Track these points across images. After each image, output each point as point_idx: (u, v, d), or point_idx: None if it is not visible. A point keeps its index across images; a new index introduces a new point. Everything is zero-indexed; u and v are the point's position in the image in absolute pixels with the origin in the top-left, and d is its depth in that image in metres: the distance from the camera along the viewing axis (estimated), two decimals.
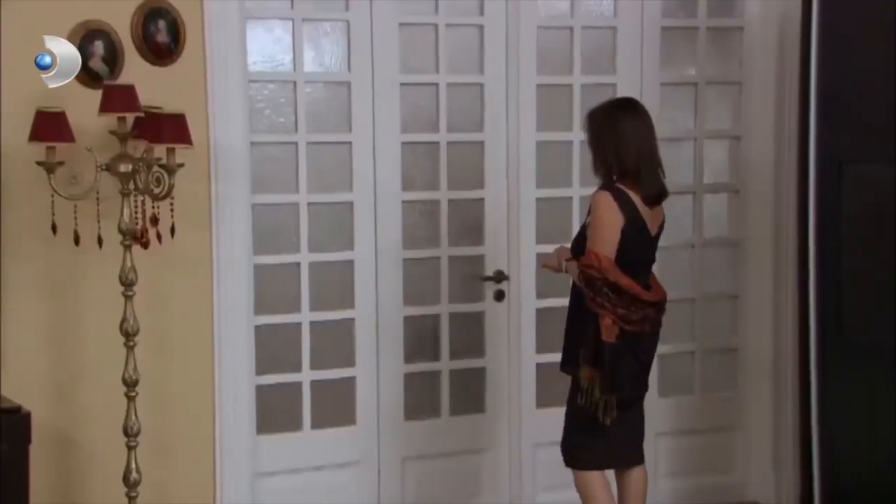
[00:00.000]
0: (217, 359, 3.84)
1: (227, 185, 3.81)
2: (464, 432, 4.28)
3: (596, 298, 3.40)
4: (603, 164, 3.50)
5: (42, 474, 3.41)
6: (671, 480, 4.54)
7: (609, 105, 3.59)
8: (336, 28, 4.05)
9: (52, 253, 3.53)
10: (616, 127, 3.47)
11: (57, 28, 3.50)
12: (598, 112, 3.55)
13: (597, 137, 3.51)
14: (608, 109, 3.55)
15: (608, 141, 3.47)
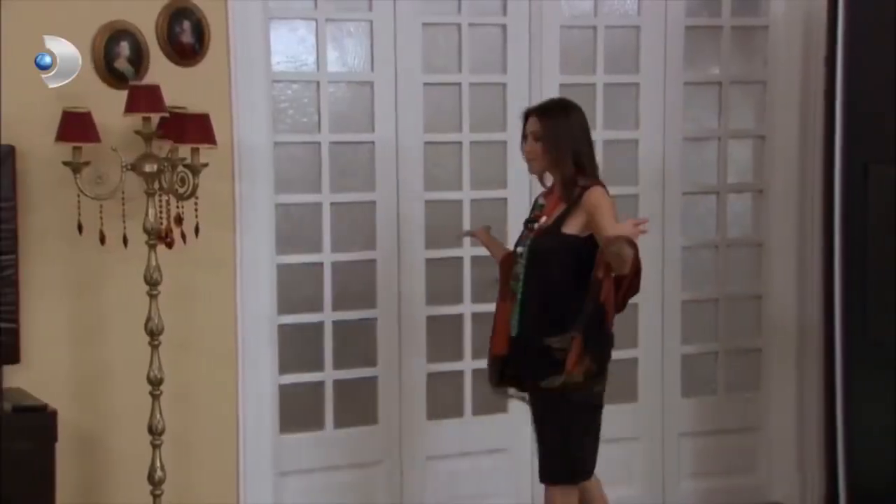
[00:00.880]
0: (240, 358, 3.85)
1: (251, 184, 3.83)
2: (486, 432, 4.28)
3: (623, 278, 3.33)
4: (573, 161, 3.33)
5: (67, 472, 3.44)
6: (694, 481, 4.53)
7: (570, 102, 3.48)
8: (359, 28, 4.06)
9: (78, 252, 3.55)
10: (585, 125, 3.42)
11: (83, 29, 3.54)
12: (570, 107, 3.42)
13: (572, 134, 3.36)
14: (574, 106, 3.43)
15: (582, 140, 3.38)
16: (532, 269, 3.35)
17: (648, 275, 4.40)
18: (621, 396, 4.45)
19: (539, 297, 3.34)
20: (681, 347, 4.52)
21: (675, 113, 4.42)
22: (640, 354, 4.47)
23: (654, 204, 4.42)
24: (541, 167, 3.41)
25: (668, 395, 4.49)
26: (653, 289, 4.44)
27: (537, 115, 3.39)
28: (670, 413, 4.50)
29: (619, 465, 4.41)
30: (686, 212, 4.50)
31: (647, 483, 4.49)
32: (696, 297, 4.55)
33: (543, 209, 3.43)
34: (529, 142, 3.39)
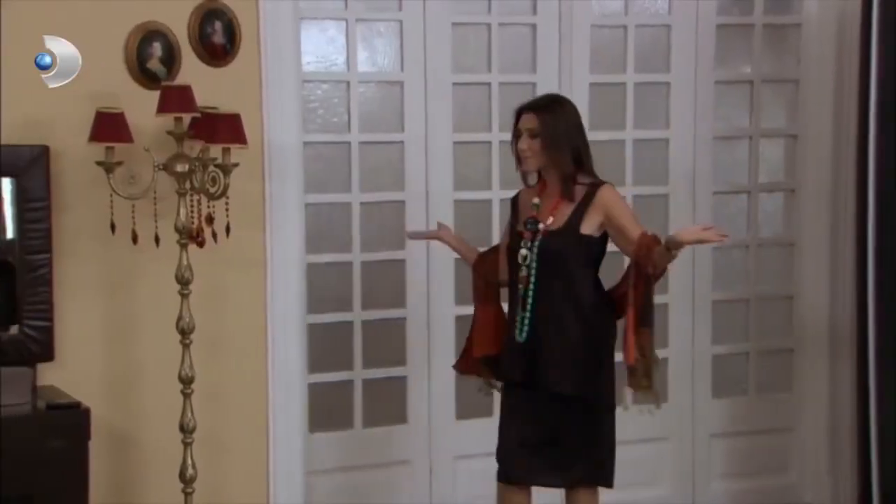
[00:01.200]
0: (270, 357, 3.87)
1: (281, 184, 3.84)
2: None
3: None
4: (574, 159, 3.27)
5: (100, 470, 3.46)
6: (724, 482, 4.51)
7: (564, 97, 3.42)
8: (389, 28, 4.07)
9: (111, 252, 3.58)
10: (580, 120, 3.34)
11: (117, 29, 3.57)
12: (565, 102, 3.35)
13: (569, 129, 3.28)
14: (568, 101, 3.37)
15: (578, 135, 3.30)
16: (547, 271, 3.25)
17: (679, 275, 4.42)
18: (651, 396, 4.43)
19: (561, 300, 3.25)
20: (711, 348, 4.49)
21: (705, 112, 4.39)
22: (670, 354, 4.44)
23: (685, 203, 4.40)
24: (536, 165, 3.31)
25: (698, 396, 4.47)
26: (683, 289, 4.42)
27: (533, 111, 3.29)
28: (701, 413, 4.47)
29: (648, 466, 4.42)
30: (717, 211, 4.47)
31: (678, 484, 4.47)
32: (727, 298, 4.53)
33: (539, 209, 3.32)
34: (524, 139, 3.28)
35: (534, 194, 3.36)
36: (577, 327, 3.25)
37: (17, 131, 3.44)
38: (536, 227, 3.29)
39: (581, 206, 3.26)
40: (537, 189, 3.36)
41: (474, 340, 3.45)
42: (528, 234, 3.30)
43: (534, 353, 3.26)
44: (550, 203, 3.31)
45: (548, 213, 3.30)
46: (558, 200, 3.29)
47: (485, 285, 3.45)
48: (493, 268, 3.46)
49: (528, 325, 3.26)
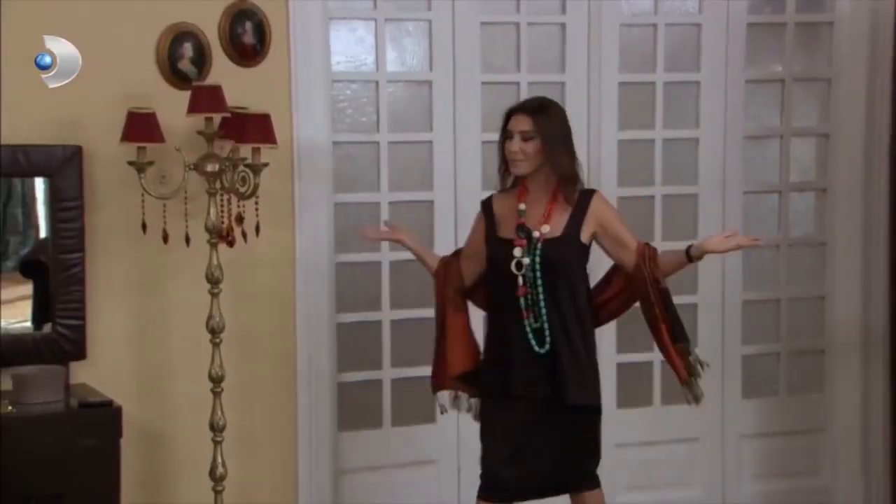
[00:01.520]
0: (299, 356, 3.88)
1: (310, 184, 3.86)
2: None
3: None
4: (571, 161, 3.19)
5: (131, 467, 3.48)
6: (755, 483, 4.48)
7: (554, 100, 3.32)
8: (418, 28, 4.07)
9: (142, 251, 3.60)
10: (569, 122, 3.25)
11: (148, 30, 3.59)
12: (556, 104, 3.28)
13: (564, 131, 3.20)
14: (558, 104, 3.31)
15: (570, 138, 3.22)
16: (552, 280, 3.15)
17: (709, 275, 4.40)
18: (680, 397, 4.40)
19: (567, 310, 3.17)
20: (741, 348, 4.46)
21: (736, 111, 4.36)
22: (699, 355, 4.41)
23: (715, 203, 4.38)
24: (528, 168, 3.17)
25: (728, 396, 4.44)
26: (713, 289, 4.40)
27: (528, 113, 3.17)
28: (731, 414, 4.45)
29: (678, 466, 4.40)
30: (747, 211, 4.45)
31: (708, 484, 4.44)
32: (758, 298, 4.49)
33: (526, 214, 3.19)
34: (516, 141, 3.15)
35: (512, 199, 3.24)
36: (582, 336, 3.20)
37: (51, 131, 3.47)
38: (530, 235, 3.18)
39: (577, 213, 3.18)
40: (517, 194, 3.23)
41: (449, 355, 3.29)
42: (524, 241, 3.18)
43: (551, 364, 3.17)
44: (540, 209, 3.19)
45: (540, 219, 3.18)
46: (550, 206, 3.19)
47: (454, 293, 3.31)
48: (457, 274, 3.32)
49: (548, 336, 3.16)
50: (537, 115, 3.17)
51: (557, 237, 3.18)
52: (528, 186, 3.22)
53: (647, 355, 4.35)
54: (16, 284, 3.63)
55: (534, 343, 3.17)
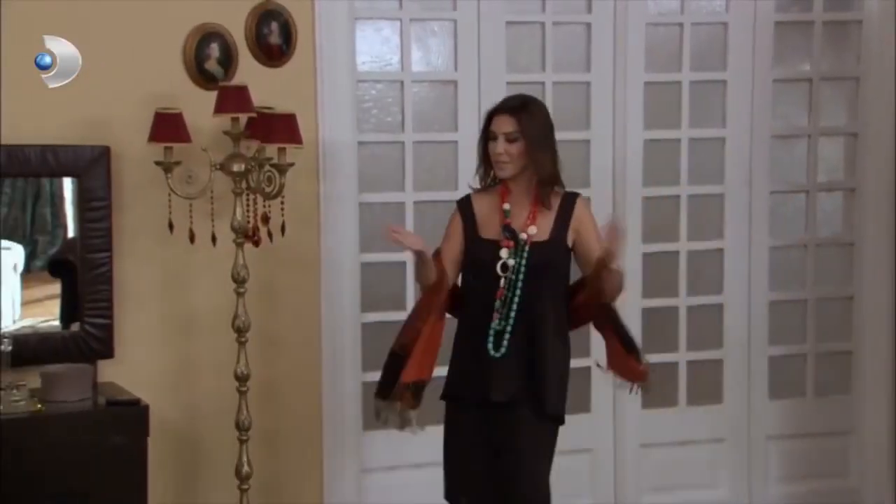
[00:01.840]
0: (324, 355, 3.89)
1: (336, 184, 3.87)
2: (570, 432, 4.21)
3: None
4: (553, 166, 3.09)
5: (158, 465, 3.50)
6: (782, 485, 4.45)
7: (536, 98, 3.21)
8: (443, 27, 4.07)
9: (168, 250, 3.62)
10: (552, 122, 3.14)
11: (175, 31, 3.61)
12: (539, 103, 3.16)
13: (547, 131, 3.10)
14: (541, 102, 3.19)
15: (553, 138, 3.12)
16: (534, 283, 3.05)
17: (735, 275, 4.38)
18: (706, 398, 4.40)
19: (549, 315, 3.06)
20: (768, 349, 4.44)
21: (763, 110, 4.33)
22: (725, 356, 4.40)
23: (741, 203, 4.35)
24: (513, 171, 3.06)
25: (754, 397, 4.41)
26: (739, 289, 4.38)
27: (510, 113, 3.06)
28: (757, 415, 4.42)
29: (704, 467, 4.38)
30: (774, 211, 4.42)
31: (734, 486, 4.41)
32: (785, 298, 4.46)
33: (510, 215, 3.09)
34: (500, 143, 3.05)
35: (493, 199, 3.14)
36: (564, 343, 3.12)
37: (79, 132, 3.50)
38: (516, 236, 3.08)
39: (562, 216, 3.10)
40: (499, 194, 3.13)
41: (411, 362, 3.10)
42: (510, 242, 3.08)
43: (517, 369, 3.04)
44: (524, 210, 3.10)
45: (526, 221, 3.09)
46: (535, 207, 3.09)
47: (443, 299, 3.12)
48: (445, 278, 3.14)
49: (506, 340, 3.03)
50: (520, 115, 3.06)
51: (546, 241, 3.08)
52: (510, 187, 3.12)
53: (671, 356, 4.34)
54: (44, 283, 3.67)
55: (490, 346, 3.04)
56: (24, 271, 3.62)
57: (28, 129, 3.43)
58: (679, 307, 4.34)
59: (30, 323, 3.60)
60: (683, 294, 4.34)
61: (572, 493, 4.26)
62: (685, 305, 4.34)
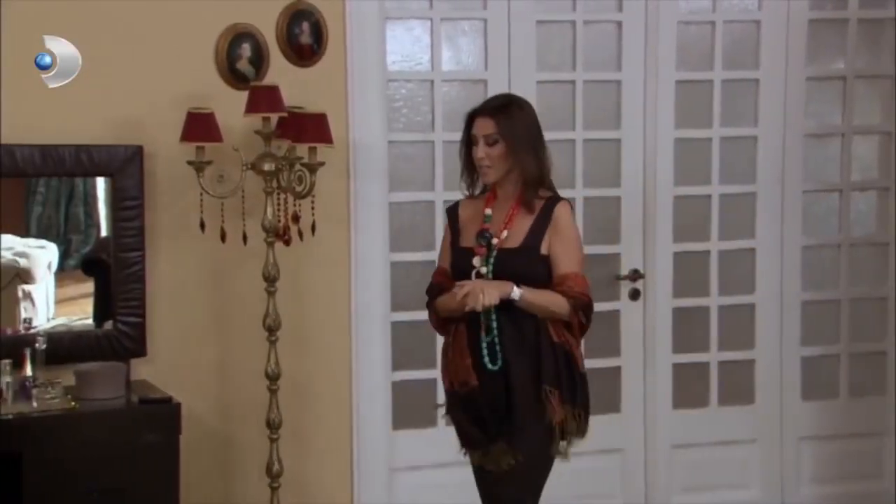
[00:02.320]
0: (354, 354, 3.90)
1: (366, 183, 3.88)
2: (599, 432, 4.20)
3: (584, 328, 2.95)
4: (538, 167, 2.95)
5: (190, 463, 3.52)
6: (815, 486, 4.41)
7: (520, 98, 3.09)
8: (474, 27, 4.07)
9: (199, 249, 3.65)
10: (538, 122, 3.01)
11: (207, 31, 3.64)
12: (522, 102, 3.03)
13: (530, 132, 2.96)
14: (525, 101, 3.05)
15: (539, 138, 2.99)
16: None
17: (767, 275, 4.34)
18: (738, 398, 4.37)
19: (527, 326, 2.90)
20: (800, 349, 4.40)
21: (796, 109, 4.29)
22: (757, 356, 4.37)
23: (774, 202, 4.31)
24: (498, 174, 2.94)
25: (787, 398, 4.38)
26: (771, 289, 4.34)
27: (489, 114, 2.94)
28: (790, 416, 4.38)
29: (735, 468, 4.36)
30: (807, 210, 4.38)
31: (766, 487, 4.38)
32: (818, 298, 4.42)
33: (491, 220, 2.97)
34: (481, 147, 2.94)
35: (479, 204, 3.03)
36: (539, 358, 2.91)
37: (113, 131, 3.53)
38: (490, 242, 2.95)
39: (540, 222, 2.93)
40: (486, 199, 3.02)
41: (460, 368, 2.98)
42: (482, 249, 2.94)
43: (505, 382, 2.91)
44: (504, 215, 2.97)
45: (501, 226, 2.95)
46: (513, 212, 2.96)
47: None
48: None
49: (499, 350, 2.91)
50: (498, 116, 2.94)
51: (515, 248, 2.93)
52: (497, 192, 3.01)
53: (702, 356, 4.32)
54: (78, 282, 3.70)
55: (487, 359, 2.92)
56: (58, 270, 3.66)
57: (62, 129, 3.46)
58: (710, 307, 4.31)
59: (64, 321, 3.64)
60: (715, 294, 4.31)
61: (603, 494, 4.26)
62: (716, 305, 4.32)
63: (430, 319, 3.15)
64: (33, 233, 3.64)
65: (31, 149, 3.42)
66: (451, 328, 3.04)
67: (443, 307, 3.04)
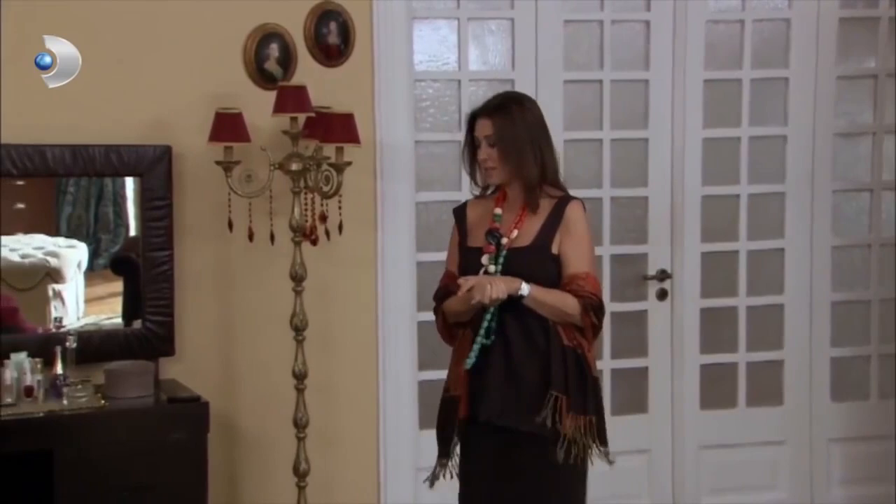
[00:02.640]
0: (381, 354, 3.91)
1: (392, 182, 3.88)
2: (626, 433, 4.20)
3: (596, 329, 2.85)
4: (539, 167, 2.87)
5: (217, 461, 3.55)
6: (845, 488, 4.38)
7: (522, 94, 3.05)
8: (501, 26, 4.06)
9: (228, 249, 3.66)
10: (542, 119, 2.94)
11: (236, 32, 3.65)
12: (523, 99, 2.96)
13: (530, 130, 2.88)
14: (527, 98, 2.99)
15: (542, 136, 2.91)
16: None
17: (796, 275, 4.31)
18: (766, 399, 4.34)
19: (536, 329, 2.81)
20: (830, 350, 4.36)
21: (826, 108, 4.26)
22: (786, 357, 4.33)
23: (803, 202, 4.28)
24: (503, 176, 2.88)
25: (816, 399, 4.34)
26: (801, 289, 4.31)
27: (487, 115, 2.88)
28: (819, 417, 4.35)
29: (764, 469, 4.32)
30: (837, 210, 4.34)
31: (795, 488, 4.35)
32: (847, 299, 4.38)
33: (501, 219, 2.90)
34: (484, 148, 2.88)
35: (488, 204, 2.96)
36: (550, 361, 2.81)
37: (142, 132, 3.55)
38: (499, 241, 2.88)
39: (551, 221, 2.86)
40: (496, 199, 2.96)
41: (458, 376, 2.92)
42: (492, 247, 2.87)
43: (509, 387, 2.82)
44: (514, 215, 2.90)
45: (511, 225, 2.88)
46: (523, 211, 2.89)
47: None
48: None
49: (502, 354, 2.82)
50: (495, 117, 2.87)
51: (525, 247, 2.86)
52: (507, 192, 2.94)
53: (730, 356, 4.29)
54: (107, 281, 3.73)
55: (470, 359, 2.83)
56: (87, 269, 3.68)
57: (92, 130, 3.49)
58: (738, 307, 4.28)
59: (93, 320, 3.66)
60: (743, 294, 4.28)
61: (630, 494, 4.24)
62: (745, 306, 4.29)
63: (437, 326, 3.04)
64: (63, 232, 3.67)
65: (62, 149, 3.45)
66: (457, 335, 2.96)
67: (450, 310, 2.96)
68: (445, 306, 3.00)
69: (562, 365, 2.81)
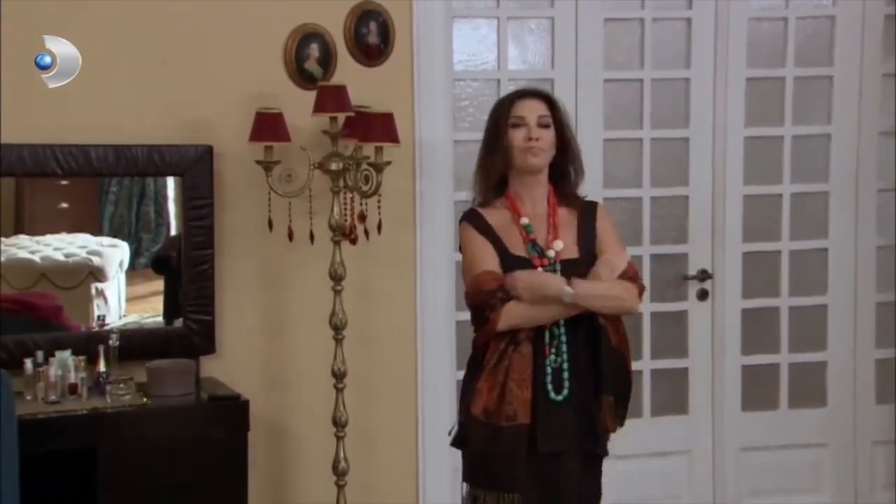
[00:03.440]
0: (420, 353, 3.91)
1: (431, 182, 3.88)
2: (666, 433, 4.20)
3: (643, 288, 2.85)
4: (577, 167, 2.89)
5: (257, 459, 3.56)
6: (890, 492, 4.32)
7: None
8: (540, 25, 4.04)
9: (268, 248, 3.68)
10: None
11: (276, 32, 3.66)
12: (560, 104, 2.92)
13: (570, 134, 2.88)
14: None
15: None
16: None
17: (840, 275, 4.25)
18: (809, 401, 4.29)
19: (591, 348, 2.75)
20: (874, 351, 4.30)
21: (870, 106, 4.20)
22: (829, 358, 4.28)
23: (847, 201, 4.23)
24: (546, 160, 2.80)
25: (860, 401, 4.29)
26: (844, 290, 4.26)
27: (544, 99, 2.82)
28: (863, 420, 4.29)
29: (806, 471, 4.28)
30: (881, 209, 4.28)
31: (839, 491, 4.30)
32: (892, 300, 4.32)
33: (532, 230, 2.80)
34: (534, 129, 2.77)
35: (503, 212, 2.84)
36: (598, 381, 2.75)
37: (183, 132, 3.58)
38: (544, 252, 2.79)
39: (587, 229, 2.82)
40: (509, 207, 2.84)
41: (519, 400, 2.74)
42: (544, 260, 2.77)
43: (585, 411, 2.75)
44: (541, 222, 2.81)
45: (550, 235, 2.79)
46: (554, 218, 2.81)
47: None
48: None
49: (568, 379, 2.73)
50: (551, 101, 2.83)
51: (577, 259, 2.78)
52: (519, 196, 2.83)
53: (772, 357, 4.24)
54: (148, 280, 3.76)
55: (550, 387, 2.71)
56: (129, 268, 3.72)
57: (135, 130, 3.52)
58: (781, 308, 4.24)
59: (135, 319, 3.70)
60: (785, 294, 4.24)
61: (670, 495, 4.22)
62: (787, 306, 4.24)
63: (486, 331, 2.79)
64: (106, 231, 3.70)
65: (105, 149, 3.48)
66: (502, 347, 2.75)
67: (517, 314, 2.72)
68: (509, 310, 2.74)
69: (610, 367, 2.76)
